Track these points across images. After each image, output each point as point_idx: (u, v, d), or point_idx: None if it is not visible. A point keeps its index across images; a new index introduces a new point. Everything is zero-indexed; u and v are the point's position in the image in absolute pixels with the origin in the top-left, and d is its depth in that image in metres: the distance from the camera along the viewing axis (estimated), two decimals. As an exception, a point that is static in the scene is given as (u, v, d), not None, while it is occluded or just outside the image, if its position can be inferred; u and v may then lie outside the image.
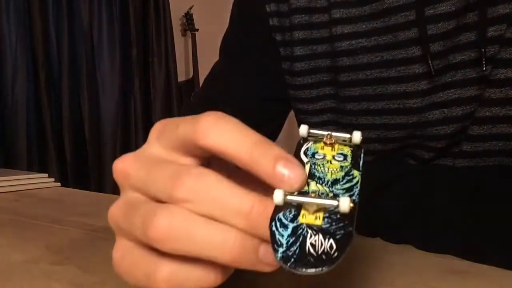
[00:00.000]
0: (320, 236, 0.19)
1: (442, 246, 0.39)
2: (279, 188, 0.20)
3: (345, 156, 0.23)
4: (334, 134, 0.24)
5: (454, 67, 0.44)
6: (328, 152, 0.23)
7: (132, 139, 2.40)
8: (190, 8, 2.73)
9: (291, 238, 0.19)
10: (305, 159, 0.23)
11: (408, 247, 0.41)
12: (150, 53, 2.51)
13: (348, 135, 0.24)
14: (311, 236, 0.19)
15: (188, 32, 2.77)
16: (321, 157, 0.23)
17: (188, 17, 2.73)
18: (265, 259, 0.21)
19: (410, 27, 0.45)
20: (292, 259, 0.19)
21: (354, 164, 0.23)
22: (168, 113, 2.56)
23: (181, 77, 2.76)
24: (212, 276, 0.21)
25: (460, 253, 0.38)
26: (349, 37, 0.49)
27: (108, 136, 2.31)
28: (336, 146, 0.24)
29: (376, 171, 0.46)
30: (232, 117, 0.22)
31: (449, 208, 0.39)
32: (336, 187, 0.21)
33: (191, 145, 0.22)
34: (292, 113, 0.63)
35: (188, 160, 0.23)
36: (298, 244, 0.19)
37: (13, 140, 1.98)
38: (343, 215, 0.19)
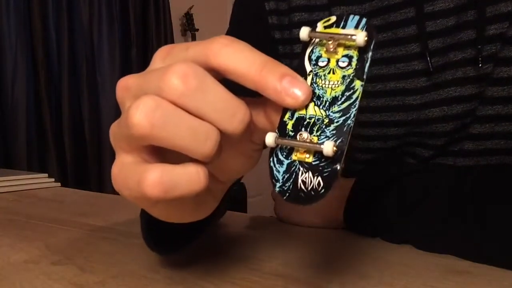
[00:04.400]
0: (310, 173, 0.21)
1: (442, 246, 0.39)
2: (284, 104, 0.22)
3: (350, 59, 0.22)
4: (339, 33, 0.23)
5: (455, 65, 0.44)
6: (332, 56, 0.23)
7: (132, 139, 2.39)
8: (190, 8, 2.73)
9: (286, 174, 0.22)
10: (308, 67, 0.23)
11: (408, 247, 0.41)
12: (150, 53, 2.51)
13: (354, 33, 0.22)
14: (302, 174, 0.22)
15: (188, 32, 2.77)
16: (325, 63, 0.23)
17: (188, 17, 2.73)
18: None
19: (409, 24, 0.45)
20: (287, 194, 0.22)
21: (358, 71, 0.22)
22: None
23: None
24: (201, 178, 0.21)
25: (460, 253, 0.38)
26: None
27: (108, 136, 2.30)
28: (341, 49, 0.23)
29: (376, 170, 0.46)
30: (243, 42, 0.22)
31: (449, 208, 0.39)
32: (333, 108, 0.22)
33: (201, 65, 0.21)
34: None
35: None
36: (291, 180, 0.22)
37: (13, 140, 1.98)
38: None
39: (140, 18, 2.48)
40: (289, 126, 0.22)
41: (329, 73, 0.22)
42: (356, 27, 0.23)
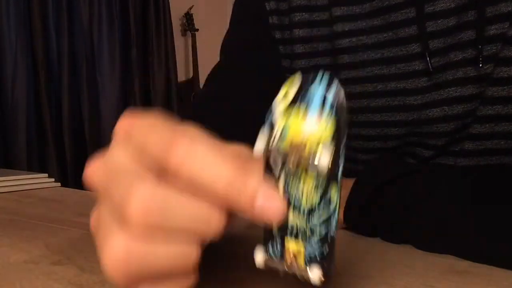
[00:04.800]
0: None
1: (442, 246, 0.39)
2: (262, 222, 0.20)
3: (321, 154, 0.20)
4: (306, 130, 0.20)
5: (455, 65, 0.44)
6: (301, 156, 0.20)
7: (132, 139, 2.39)
8: (190, 8, 2.73)
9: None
10: (276, 172, 0.20)
11: (408, 247, 0.41)
12: (150, 53, 2.51)
13: (316, 161, 0.19)
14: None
15: (188, 32, 2.77)
16: (295, 163, 0.20)
17: (188, 17, 2.73)
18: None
19: (410, 24, 0.46)
20: None
21: (331, 176, 0.20)
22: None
23: (181, 77, 2.76)
24: (189, 283, 0.21)
25: (460, 253, 0.38)
26: (350, 34, 0.49)
27: (108, 136, 2.30)
28: (309, 143, 0.20)
29: (376, 170, 0.46)
30: (207, 137, 0.20)
31: (449, 208, 0.39)
32: (313, 220, 0.20)
33: (159, 165, 0.20)
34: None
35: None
36: None
37: (13, 140, 1.98)
38: None
39: (140, 18, 2.48)
40: (275, 230, 0.21)
41: (300, 181, 0.20)
42: (322, 104, 0.20)
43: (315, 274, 0.20)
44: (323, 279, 0.20)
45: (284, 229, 0.21)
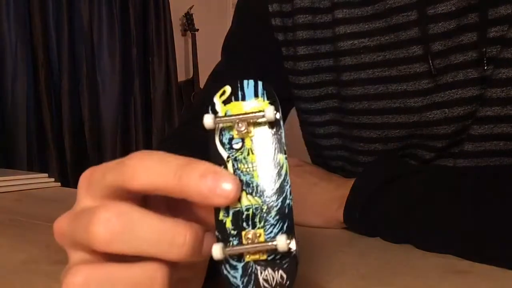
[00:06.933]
0: (269, 270, 0.20)
1: (442, 246, 0.39)
2: (215, 205, 0.20)
3: (264, 130, 0.21)
4: (246, 114, 0.21)
5: (456, 67, 0.44)
6: (245, 135, 0.21)
7: (132, 139, 2.40)
8: (190, 8, 2.73)
9: (244, 278, 0.20)
10: (224, 153, 0.21)
11: (408, 247, 0.41)
12: (150, 53, 2.51)
13: (261, 109, 0.21)
14: (261, 272, 0.20)
15: (188, 32, 2.77)
16: (240, 145, 0.21)
17: (188, 17, 2.73)
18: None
19: (412, 26, 0.46)
20: None
21: (276, 140, 0.21)
22: (168, 113, 2.56)
23: (181, 77, 2.76)
24: (159, 274, 0.20)
25: (460, 253, 0.38)
26: (352, 37, 0.50)
27: (108, 136, 2.31)
28: (251, 127, 0.21)
29: (376, 171, 0.46)
30: (156, 151, 0.21)
31: (449, 208, 0.39)
32: (267, 193, 0.20)
33: (121, 191, 0.21)
34: (292, 114, 0.63)
35: None
36: (252, 282, 0.20)
37: (13, 140, 1.98)
38: None
39: (140, 18, 2.48)
40: (228, 225, 0.20)
41: (248, 154, 0.21)
42: (256, 93, 0.21)
43: (280, 241, 0.20)
44: (288, 241, 0.20)
45: (238, 215, 0.20)
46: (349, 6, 0.50)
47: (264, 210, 0.20)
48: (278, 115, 0.21)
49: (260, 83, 0.21)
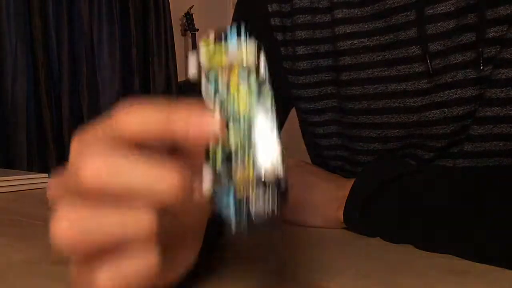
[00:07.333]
0: (260, 201, 0.21)
1: (442, 246, 0.39)
2: (204, 142, 0.21)
3: (248, 73, 0.22)
4: (229, 57, 0.22)
5: (455, 67, 0.44)
6: (230, 76, 0.22)
7: (132, 139, 2.39)
8: (190, 8, 2.73)
9: (237, 213, 0.21)
10: (210, 96, 0.22)
11: (408, 247, 0.41)
12: (150, 53, 2.51)
13: (245, 54, 0.22)
14: (252, 206, 0.21)
15: (188, 32, 2.77)
16: (225, 85, 0.22)
17: (188, 17, 2.73)
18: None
19: (411, 26, 0.46)
20: (246, 229, 0.21)
21: (260, 81, 0.22)
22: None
23: (181, 77, 2.76)
24: (152, 258, 0.20)
25: (460, 253, 0.38)
26: (351, 36, 0.50)
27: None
28: (235, 67, 0.22)
29: (377, 170, 0.46)
30: (141, 100, 0.21)
31: (449, 208, 0.39)
32: (255, 129, 0.21)
33: (113, 143, 0.21)
34: (292, 114, 0.63)
35: None
36: (245, 216, 0.21)
37: (13, 140, 1.98)
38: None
39: (140, 18, 2.48)
40: (218, 163, 0.21)
41: (233, 94, 0.22)
42: (238, 35, 0.22)
43: (268, 170, 0.20)
44: (276, 170, 0.20)
45: (226, 154, 0.21)
46: (349, 6, 0.50)
47: (252, 146, 0.21)
48: (260, 55, 0.22)
49: (242, 26, 0.22)
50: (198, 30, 2.72)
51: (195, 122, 0.20)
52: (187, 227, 0.25)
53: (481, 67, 0.42)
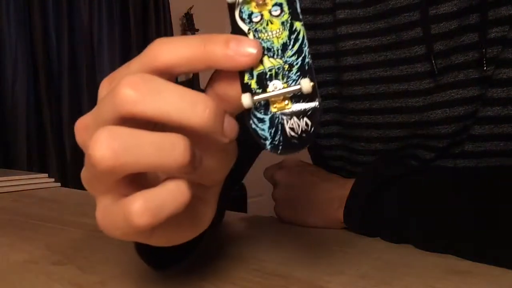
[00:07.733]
0: (295, 118, 0.22)
1: (442, 246, 0.39)
2: (240, 68, 0.22)
3: (281, 6, 0.23)
4: None
5: (457, 67, 0.44)
6: (263, 8, 0.23)
7: (132, 139, 2.39)
8: (190, 8, 2.73)
9: (272, 129, 0.22)
10: (244, 27, 0.23)
11: (408, 247, 0.41)
12: (150, 53, 2.51)
13: None
14: (287, 122, 0.22)
15: (188, 32, 2.77)
16: (259, 18, 0.23)
17: (188, 17, 2.73)
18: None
19: (414, 27, 0.46)
20: (280, 147, 0.22)
21: (293, 14, 0.23)
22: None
23: (181, 77, 2.76)
24: (183, 190, 0.20)
25: (460, 253, 0.38)
26: (354, 37, 0.50)
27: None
28: (269, 1, 0.23)
29: (377, 170, 0.46)
30: (175, 37, 0.22)
31: (449, 208, 0.39)
32: (287, 54, 0.22)
33: (148, 73, 0.21)
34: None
35: None
36: (280, 132, 0.22)
37: (13, 140, 1.98)
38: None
39: (140, 18, 2.48)
40: (253, 85, 0.22)
41: (267, 25, 0.23)
42: None
43: (304, 83, 0.21)
44: (312, 83, 0.21)
45: (262, 76, 0.22)
46: (351, 6, 0.50)
47: (286, 69, 0.22)
48: None
49: None
50: (198, 30, 2.72)
51: (233, 47, 0.21)
52: (209, 164, 0.25)
53: (485, 67, 0.42)
